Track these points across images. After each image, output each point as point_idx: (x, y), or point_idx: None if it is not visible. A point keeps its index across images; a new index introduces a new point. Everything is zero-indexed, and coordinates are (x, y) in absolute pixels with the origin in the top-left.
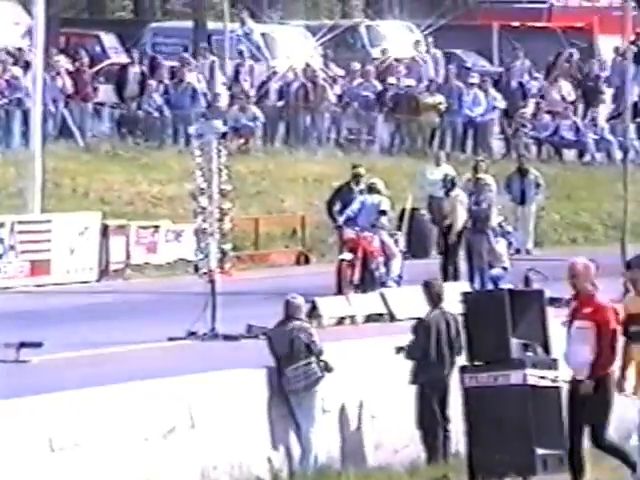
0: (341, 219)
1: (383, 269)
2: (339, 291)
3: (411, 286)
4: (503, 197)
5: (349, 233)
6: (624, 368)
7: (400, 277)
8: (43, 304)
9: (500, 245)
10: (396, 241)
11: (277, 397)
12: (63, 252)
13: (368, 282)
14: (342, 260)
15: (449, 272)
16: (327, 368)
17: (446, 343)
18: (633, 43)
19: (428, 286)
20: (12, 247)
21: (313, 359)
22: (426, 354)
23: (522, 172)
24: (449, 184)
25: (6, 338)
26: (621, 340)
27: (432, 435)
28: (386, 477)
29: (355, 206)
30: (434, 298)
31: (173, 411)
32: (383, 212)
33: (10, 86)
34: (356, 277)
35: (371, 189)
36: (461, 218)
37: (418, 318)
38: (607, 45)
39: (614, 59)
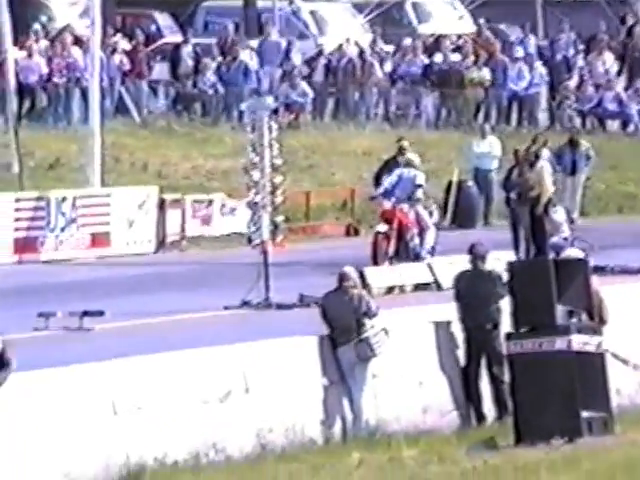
0: (379, 191)
1: (417, 240)
2: (374, 263)
3: (457, 255)
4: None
5: (386, 205)
6: None
7: (433, 248)
8: (103, 275)
9: (558, 214)
10: (430, 213)
11: (329, 363)
12: (122, 225)
13: (402, 253)
14: (378, 232)
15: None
16: (385, 332)
17: (481, 295)
18: None
19: (472, 248)
20: (73, 220)
21: (370, 330)
22: (464, 302)
23: (573, 144)
24: (532, 156)
25: (70, 307)
26: None
27: (476, 394)
28: (435, 440)
29: (393, 179)
30: (477, 259)
31: (229, 376)
32: (419, 185)
33: (69, 65)
34: (391, 249)
35: (407, 164)
36: (548, 189)
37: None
38: None
39: None
